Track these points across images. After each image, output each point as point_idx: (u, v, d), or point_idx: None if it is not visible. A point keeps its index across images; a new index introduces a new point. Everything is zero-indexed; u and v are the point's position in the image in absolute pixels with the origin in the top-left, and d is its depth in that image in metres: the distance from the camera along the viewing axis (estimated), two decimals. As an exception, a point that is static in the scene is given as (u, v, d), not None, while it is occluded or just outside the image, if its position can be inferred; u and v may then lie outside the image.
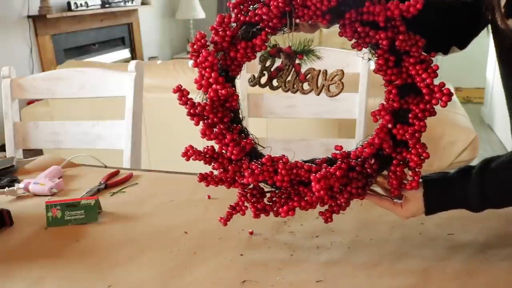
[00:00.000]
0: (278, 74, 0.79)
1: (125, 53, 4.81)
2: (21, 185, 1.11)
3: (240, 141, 0.78)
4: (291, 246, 0.84)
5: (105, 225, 0.95)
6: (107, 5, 4.29)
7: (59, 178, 1.17)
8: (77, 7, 3.93)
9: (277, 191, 0.81)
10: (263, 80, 0.80)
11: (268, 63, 0.79)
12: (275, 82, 0.80)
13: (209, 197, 1.04)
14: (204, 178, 0.81)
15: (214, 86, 0.74)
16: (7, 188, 1.11)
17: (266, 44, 0.77)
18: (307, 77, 0.78)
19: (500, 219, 0.87)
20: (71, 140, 1.48)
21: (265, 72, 0.80)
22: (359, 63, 1.48)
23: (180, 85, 0.78)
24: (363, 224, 0.89)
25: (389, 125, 0.76)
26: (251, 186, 0.81)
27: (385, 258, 0.78)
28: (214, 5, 5.66)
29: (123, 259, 0.83)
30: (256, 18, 0.75)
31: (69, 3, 3.89)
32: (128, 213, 1.00)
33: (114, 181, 1.15)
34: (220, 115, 0.78)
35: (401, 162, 0.77)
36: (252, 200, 0.81)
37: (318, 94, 0.78)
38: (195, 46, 0.76)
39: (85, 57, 4.23)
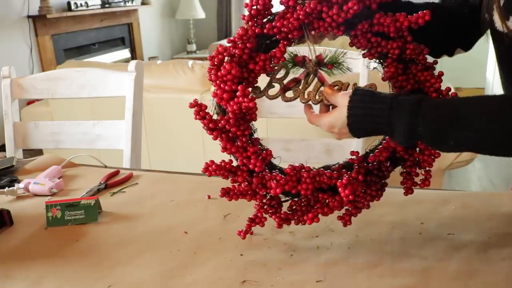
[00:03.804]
0: (295, 85, 0.79)
1: (125, 53, 4.81)
2: (21, 185, 1.11)
3: (261, 153, 0.78)
4: (291, 246, 0.84)
5: (105, 225, 0.95)
6: (107, 5, 4.29)
7: (59, 178, 1.17)
8: (77, 7, 3.93)
9: (296, 200, 0.81)
10: (272, 92, 0.79)
11: (279, 75, 0.79)
12: (290, 93, 0.79)
13: (209, 197, 1.04)
14: (227, 192, 0.80)
15: (240, 99, 0.73)
16: (7, 188, 1.11)
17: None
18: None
19: (500, 219, 0.87)
20: (71, 140, 1.48)
21: (274, 84, 0.79)
22: (359, 63, 1.47)
23: (196, 99, 0.77)
24: (363, 224, 0.89)
25: None
26: (268, 197, 0.81)
27: (385, 258, 0.78)
28: (214, 5, 5.67)
29: (123, 259, 0.82)
30: (274, 30, 0.75)
31: (69, 3, 3.89)
32: (128, 213, 1.00)
33: (114, 181, 1.15)
34: (242, 128, 0.77)
35: (413, 163, 0.80)
36: (271, 211, 0.81)
37: None
38: (215, 60, 0.75)
39: (85, 57, 4.24)
